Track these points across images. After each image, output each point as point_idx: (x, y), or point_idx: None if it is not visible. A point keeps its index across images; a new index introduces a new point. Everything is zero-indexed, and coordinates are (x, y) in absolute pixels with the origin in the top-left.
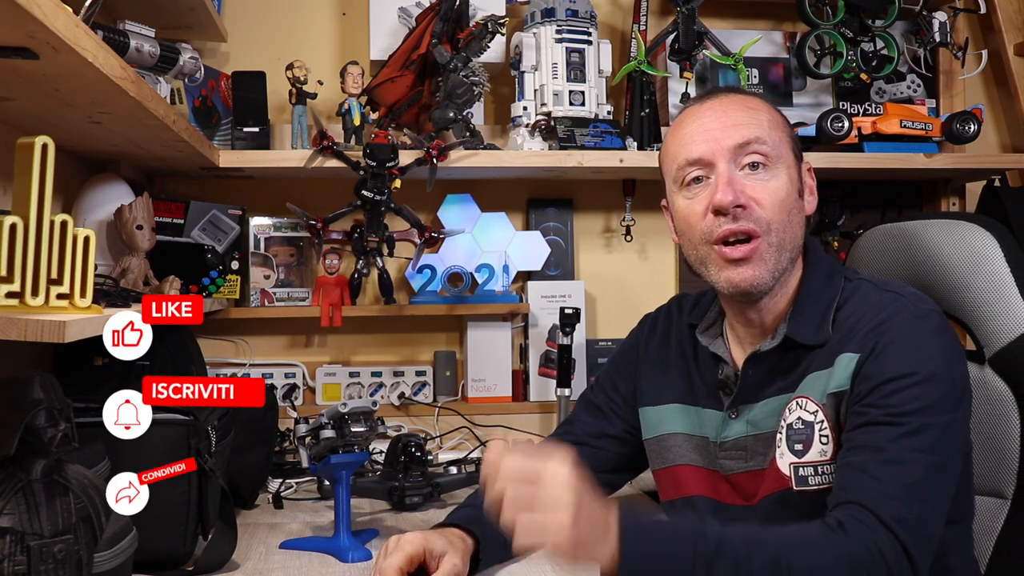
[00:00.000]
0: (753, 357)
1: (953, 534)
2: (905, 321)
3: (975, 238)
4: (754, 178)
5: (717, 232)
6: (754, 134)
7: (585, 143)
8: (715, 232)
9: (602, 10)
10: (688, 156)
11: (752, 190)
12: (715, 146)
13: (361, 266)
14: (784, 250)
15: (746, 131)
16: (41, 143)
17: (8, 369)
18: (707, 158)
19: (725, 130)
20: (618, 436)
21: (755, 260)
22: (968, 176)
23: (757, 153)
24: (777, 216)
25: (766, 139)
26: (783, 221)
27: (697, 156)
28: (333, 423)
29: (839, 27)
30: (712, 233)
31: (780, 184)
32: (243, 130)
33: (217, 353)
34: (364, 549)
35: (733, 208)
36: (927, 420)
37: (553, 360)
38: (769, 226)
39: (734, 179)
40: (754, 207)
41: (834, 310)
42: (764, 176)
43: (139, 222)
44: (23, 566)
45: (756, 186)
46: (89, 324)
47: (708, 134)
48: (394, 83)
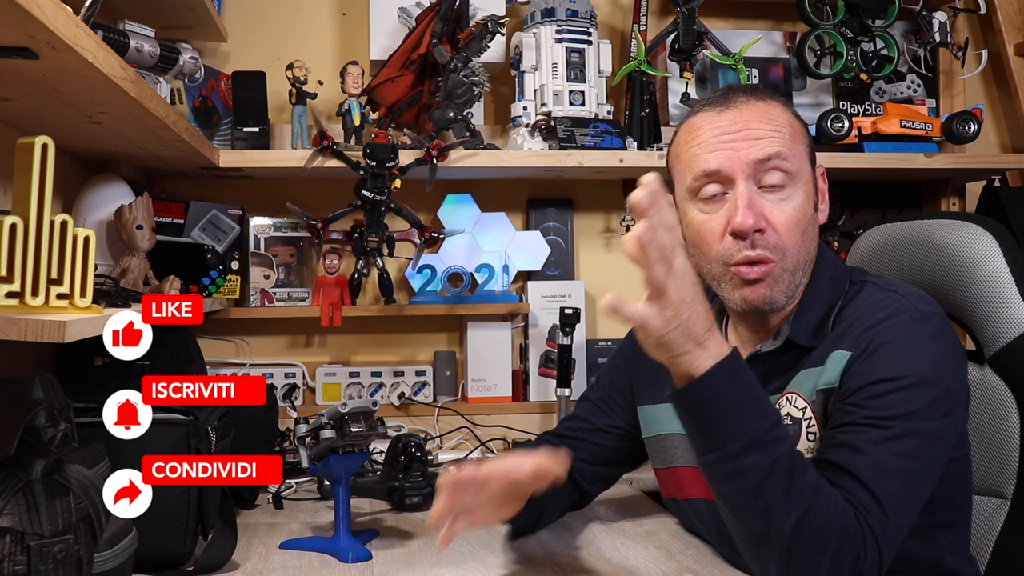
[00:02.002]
0: (754, 357)
1: (949, 537)
2: (901, 323)
3: (975, 238)
4: (773, 197)
5: (736, 257)
6: (775, 149)
7: (585, 143)
8: (734, 257)
9: (602, 10)
10: (705, 168)
11: (771, 213)
12: (735, 160)
13: (361, 266)
14: (798, 271)
15: (767, 146)
16: (41, 143)
17: (8, 369)
18: (726, 172)
19: (745, 143)
20: (615, 431)
21: (770, 281)
22: (968, 176)
23: (778, 170)
24: (793, 240)
25: (787, 154)
26: (798, 243)
27: (715, 168)
28: (333, 423)
29: (839, 27)
30: (732, 258)
31: (798, 204)
32: (243, 130)
33: (217, 353)
34: (364, 549)
35: (752, 233)
36: (911, 426)
37: (553, 360)
38: (784, 253)
39: (754, 200)
40: (771, 232)
41: (836, 311)
42: (783, 195)
43: (139, 222)
44: (23, 566)
45: (775, 208)
46: (89, 324)
47: (726, 145)
48: (394, 83)
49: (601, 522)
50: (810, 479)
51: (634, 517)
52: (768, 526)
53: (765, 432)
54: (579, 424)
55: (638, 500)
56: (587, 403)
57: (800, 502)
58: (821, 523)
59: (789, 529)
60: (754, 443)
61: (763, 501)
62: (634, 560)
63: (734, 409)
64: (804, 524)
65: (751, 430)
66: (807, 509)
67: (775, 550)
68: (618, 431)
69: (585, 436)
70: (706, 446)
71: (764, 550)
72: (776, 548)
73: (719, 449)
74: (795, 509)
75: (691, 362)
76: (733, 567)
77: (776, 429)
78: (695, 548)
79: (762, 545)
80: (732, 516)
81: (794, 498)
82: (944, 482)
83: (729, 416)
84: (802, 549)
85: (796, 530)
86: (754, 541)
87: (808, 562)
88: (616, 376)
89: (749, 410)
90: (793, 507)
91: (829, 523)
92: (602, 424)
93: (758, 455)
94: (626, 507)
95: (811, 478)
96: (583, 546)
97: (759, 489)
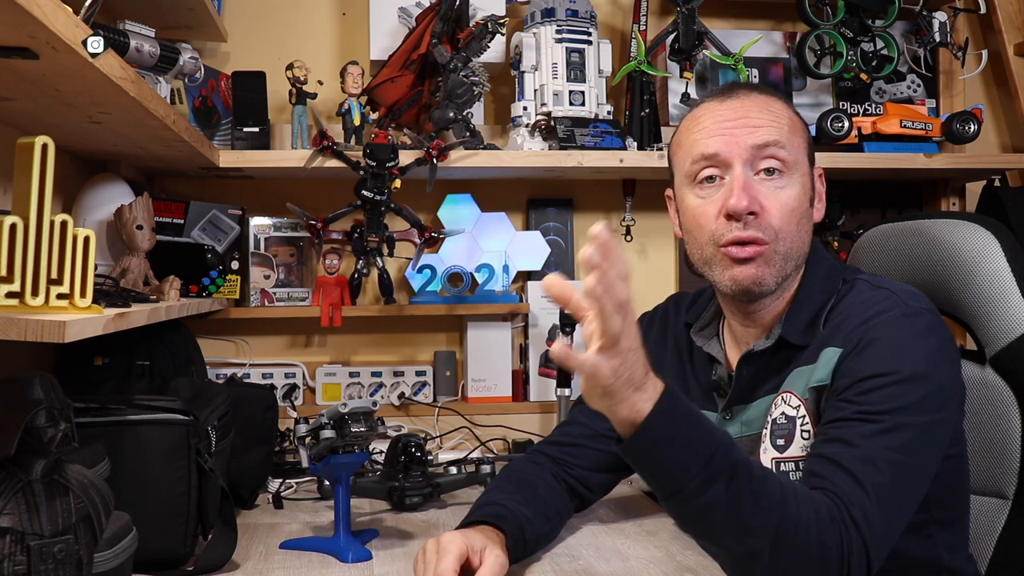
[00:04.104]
0: (747, 357)
1: (948, 535)
2: (892, 319)
3: (976, 238)
4: (769, 184)
5: (727, 237)
6: (773, 137)
7: (585, 143)
8: (725, 236)
9: (602, 10)
10: (704, 151)
11: (765, 197)
12: (733, 145)
13: (361, 266)
14: (790, 259)
15: (765, 133)
16: (41, 143)
17: (8, 369)
18: (723, 156)
19: (744, 129)
20: (614, 435)
21: (760, 261)
22: (968, 176)
23: (774, 158)
24: (786, 226)
25: (785, 143)
26: (792, 231)
27: (713, 151)
28: (333, 423)
29: (839, 27)
30: (722, 237)
31: (793, 193)
32: (243, 130)
33: (217, 353)
34: (364, 549)
35: (746, 215)
36: (902, 420)
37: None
38: (777, 235)
39: (749, 184)
40: (765, 215)
41: (828, 309)
42: (779, 183)
43: (139, 222)
44: (23, 566)
45: (770, 193)
46: (89, 324)
47: (726, 131)
48: (394, 83)
49: (601, 522)
50: (772, 488)
51: (634, 517)
52: (749, 548)
53: (719, 460)
54: (579, 430)
55: (638, 500)
56: (585, 407)
57: (773, 514)
58: (796, 526)
59: (768, 544)
60: (711, 476)
61: (737, 526)
62: (634, 560)
63: (682, 445)
64: (782, 533)
65: (703, 462)
66: (781, 519)
67: (760, 566)
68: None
69: (585, 442)
70: (665, 490)
71: (751, 570)
72: (762, 564)
73: (678, 492)
74: (770, 522)
75: (631, 406)
76: None
77: (728, 453)
78: (695, 548)
79: (747, 566)
80: (711, 546)
81: (765, 514)
82: (940, 480)
83: (679, 456)
84: (787, 557)
85: (776, 542)
86: (739, 564)
87: (796, 568)
88: None
89: (695, 442)
90: (768, 521)
91: (805, 524)
92: (602, 428)
93: (719, 486)
94: (626, 507)
95: (774, 487)
96: (583, 546)
97: (729, 516)
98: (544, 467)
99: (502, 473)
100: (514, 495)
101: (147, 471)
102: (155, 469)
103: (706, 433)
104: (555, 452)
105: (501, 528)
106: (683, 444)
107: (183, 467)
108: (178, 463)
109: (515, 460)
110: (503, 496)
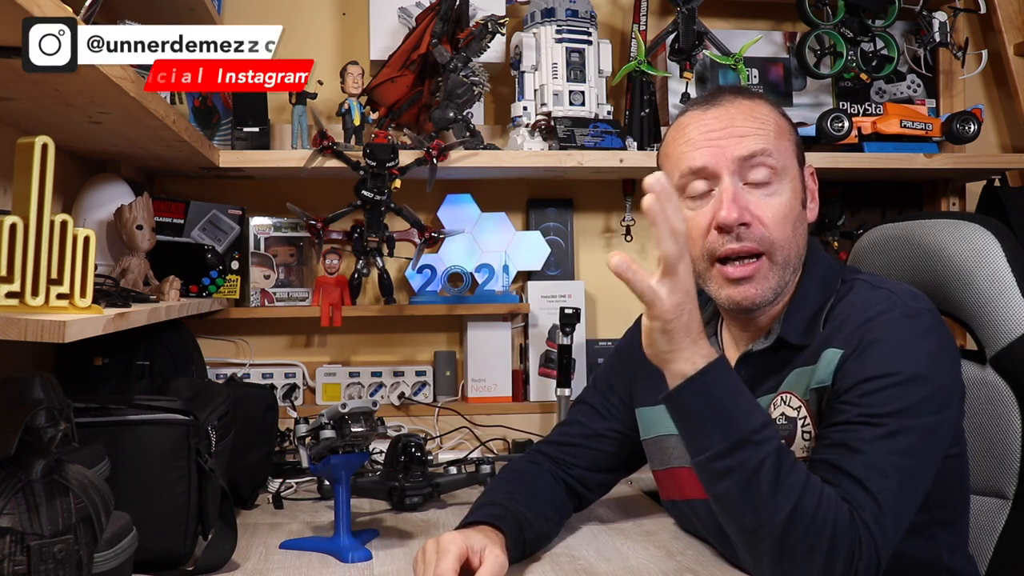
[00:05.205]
0: (745, 357)
1: (948, 535)
2: (892, 319)
3: (976, 238)
4: (759, 193)
5: (720, 251)
6: (760, 146)
7: (585, 143)
8: (718, 250)
9: (602, 10)
10: (691, 165)
11: (756, 207)
12: (720, 157)
13: (361, 266)
14: (787, 267)
15: (752, 143)
16: (41, 143)
17: (8, 369)
18: (711, 169)
19: (731, 140)
20: (613, 436)
21: (757, 279)
22: (968, 176)
23: (763, 166)
24: (780, 234)
25: (772, 151)
26: (787, 237)
27: (701, 165)
28: (333, 423)
29: (839, 27)
30: (715, 251)
31: (784, 199)
32: (243, 130)
33: (217, 353)
34: (364, 549)
35: (737, 227)
36: (905, 422)
37: (553, 360)
38: (773, 244)
39: (739, 195)
40: (758, 225)
41: (827, 310)
42: (769, 191)
43: (139, 222)
44: (23, 566)
45: (760, 203)
46: (89, 324)
47: (712, 142)
48: (394, 83)
49: (601, 522)
50: (799, 476)
51: (634, 517)
52: (759, 522)
53: (755, 431)
54: (577, 430)
55: (638, 500)
56: (584, 407)
57: (790, 498)
58: (812, 518)
59: (780, 524)
60: (744, 441)
61: (753, 497)
62: (634, 560)
63: (726, 408)
64: (794, 519)
65: (742, 428)
66: (796, 504)
67: (767, 545)
68: (617, 435)
69: (584, 442)
70: (699, 446)
71: (757, 546)
72: (768, 543)
73: (711, 448)
74: (785, 505)
75: (688, 358)
76: (733, 567)
77: (766, 429)
78: (695, 548)
79: (755, 541)
80: (725, 513)
81: (784, 494)
82: (940, 480)
83: (721, 415)
84: (794, 544)
85: (787, 525)
86: (747, 537)
87: (801, 558)
88: (614, 378)
89: (740, 409)
90: (783, 503)
91: (821, 519)
92: (601, 428)
93: (748, 452)
94: (626, 507)
95: (800, 475)
96: (583, 546)
97: (749, 486)
98: (543, 467)
99: (501, 473)
100: (513, 495)
101: (147, 471)
102: (155, 469)
103: (753, 404)
104: (554, 452)
105: (501, 528)
106: (729, 406)
107: (183, 467)
108: (178, 463)
109: (514, 460)
110: (502, 496)
